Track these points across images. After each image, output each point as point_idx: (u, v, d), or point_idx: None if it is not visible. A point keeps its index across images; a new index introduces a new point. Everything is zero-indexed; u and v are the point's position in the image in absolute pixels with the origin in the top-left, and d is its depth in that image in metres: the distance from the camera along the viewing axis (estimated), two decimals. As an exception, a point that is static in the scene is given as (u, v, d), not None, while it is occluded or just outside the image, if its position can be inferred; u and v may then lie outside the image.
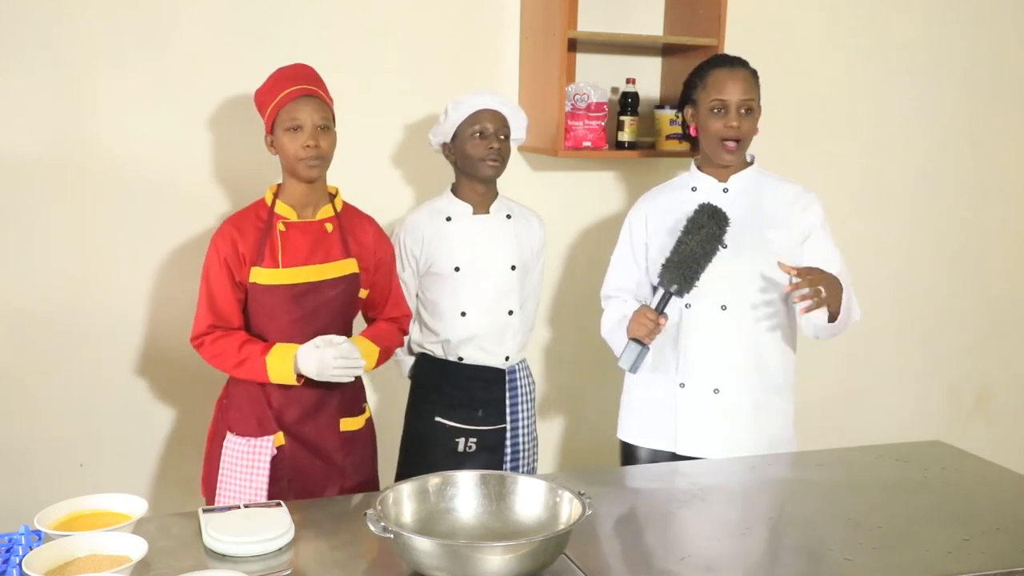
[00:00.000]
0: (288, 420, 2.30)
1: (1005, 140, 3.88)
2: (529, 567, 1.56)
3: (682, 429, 2.46)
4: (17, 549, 1.61)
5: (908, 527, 1.90)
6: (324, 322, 2.31)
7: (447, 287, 2.57)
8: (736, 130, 2.35)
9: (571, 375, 3.38)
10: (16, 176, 2.65)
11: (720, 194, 2.43)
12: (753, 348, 2.41)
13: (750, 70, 2.42)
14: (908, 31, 3.62)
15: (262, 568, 1.66)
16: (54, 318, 2.73)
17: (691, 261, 2.25)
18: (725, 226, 2.27)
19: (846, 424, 3.78)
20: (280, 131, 2.25)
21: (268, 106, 2.27)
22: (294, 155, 2.24)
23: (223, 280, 2.26)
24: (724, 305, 2.40)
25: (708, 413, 2.43)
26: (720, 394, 2.42)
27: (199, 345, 2.29)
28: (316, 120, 2.24)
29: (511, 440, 2.64)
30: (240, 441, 2.29)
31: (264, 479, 2.27)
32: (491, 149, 2.49)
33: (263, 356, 2.23)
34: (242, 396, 2.31)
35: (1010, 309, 4.02)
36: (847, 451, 2.42)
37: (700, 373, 2.43)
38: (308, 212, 2.33)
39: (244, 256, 2.25)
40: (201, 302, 2.29)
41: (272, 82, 2.30)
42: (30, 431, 2.76)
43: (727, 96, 2.36)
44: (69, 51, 2.63)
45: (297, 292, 2.27)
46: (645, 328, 2.30)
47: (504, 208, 2.62)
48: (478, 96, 2.53)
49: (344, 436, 2.37)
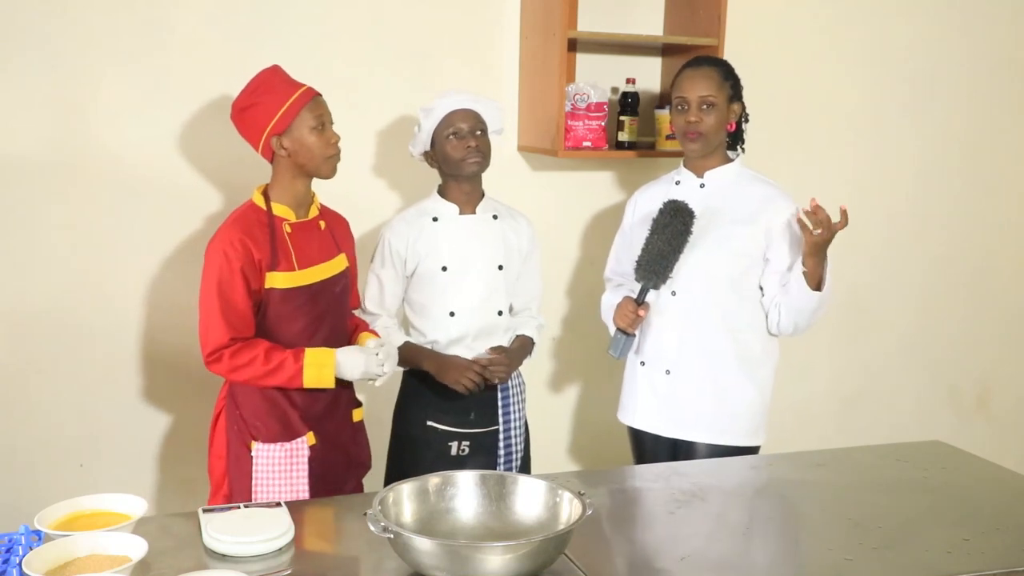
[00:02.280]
0: (314, 418, 2.31)
1: (1004, 140, 3.88)
2: (529, 567, 1.56)
3: (640, 405, 2.62)
4: (17, 549, 1.61)
5: (908, 527, 1.90)
6: (334, 319, 2.36)
7: (435, 287, 2.56)
8: (694, 125, 2.48)
9: (573, 372, 3.38)
10: (16, 176, 2.65)
11: (697, 188, 2.55)
12: (701, 335, 2.52)
13: (720, 69, 2.52)
14: (907, 31, 3.62)
15: (262, 568, 1.66)
16: (54, 318, 2.73)
17: (660, 258, 2.44)
18: (690, 219, 2.43)
19: (846, 424, 3.78)
20: (303, 130, 2.23)
21: (279, 106, 2.23)
22: (323, 153, 2.25)
23: (240, 290, 2.19)
24: (674, 291, 2.52)
25: (660, 392, 2.58)
26: (671, 375, 2.56)
27: (217, 359, 2.21)
28: (330, 117, 2.30)
29: (504, 441, 2.63)
30: (272, 448, 2.27)
31: (305, 480, 2.27)
32: (469, 148, 2.49)
33: (298, 363, 2.21)
34: (258, 403, 2.28)
35: (1010, 309, 4.02)
36: (847, 451, 2.42)
37: (655, 354, 2.58)
38: (302, 212, 2.34)
39: (260, 263, 2.21)
40: (212, 315, 2.20)
41: (270, 83, 2.27)
42: (30, 431, 2.76)
43: (686, 93, 2.50)
44: (68, 51, 2.63)
45: (313, 292, 2.29)
46: (627, 319, 2.51)
47: (490, 208, 2.62)
48: (446, 99, 2.52)
49: (355, 427, 2.44)
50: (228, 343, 2.20)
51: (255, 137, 2.28)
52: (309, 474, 2.29)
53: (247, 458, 2.28)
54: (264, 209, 2.28)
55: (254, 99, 2.27)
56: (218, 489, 2.34)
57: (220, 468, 2.33)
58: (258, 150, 2.30)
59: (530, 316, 2.71)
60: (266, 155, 2.29)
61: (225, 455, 2.31)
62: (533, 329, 2.70)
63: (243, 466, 2.29)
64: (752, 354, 2.54)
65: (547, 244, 3.21)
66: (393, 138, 3.00)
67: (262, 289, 2.23)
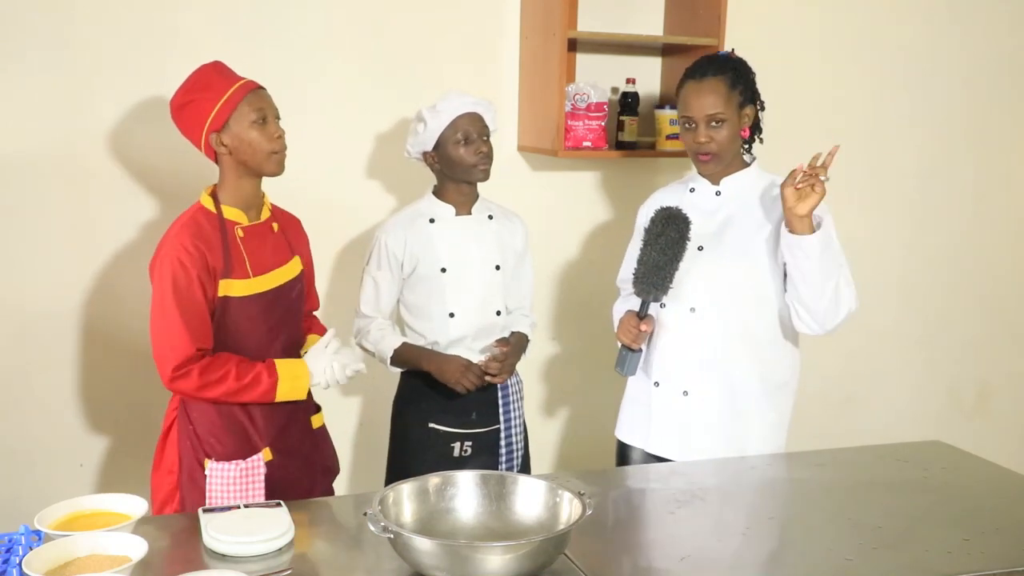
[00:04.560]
0: (274, 431, 2.22)
1: (1004, 140, 3.88)
2: (529, 567, 1.56)
3: (654, 428, 2.46)
4: (17, 549, 1.61)
5: (908, 527, 1.89)
6: (291, 326, 2.28)
7: (434, 289, 2.56)
8: (705, 145, 2.33)
9: (571, 375, 3.38)
10: (17, 175, 2.65)
11: (713, 196, 2.43)
12: (722, 353, 2.37)
13: (727, 76, 2.34)
14: (907, 31, 3.62)
15: (262, 568, 1.66)
16: (55, 318, 2.74)
17: (656, 269, 2.29)
18: (684, 226, 2.29)
19: (846, 424, 3.78)
20: (243, 126, 2.11)
21: (216, 102, 2.11)
22: (267, 148, 2.13)
23: (198, 299, 2.08)
24: (693, 307, 2.38)
25: (678, 414, 2.42)
26: (689, 396, 2.40)
27: (185, 375, 2.06)
28: (275, 111, 2.18)
29: (505, 439, 2.64)
30: (227, 467, 2.16)
31: (261, 498, 2.18)
32: (480, 154, 2.49)
33: (271, 376, 2.13)
34: (213, 418, 2.17)
35: (1010, 309, 4.02)
36: (847, 451, 2.42)
37: (671, 374, 2.42)
38: (253, 214, 2.22)
39: (214, 269, 2.10)
40: (171, 327, 2.06)
41: (207, 79, 2.15)
42: (30, 431, 2.76)
43: (693, 113, 2.33)
44: (69, 52, 2.64)
45: (270, 299, 2.19)
46: (630, 335, 2.36)
47: (485, 209, 2.62)
48: (452, 100, 2.49)
49: (316, 434, 2.36)
50: (195, 354, 2.07)
51: (195, 135, 2.16)
52: (267, 489, 2.19)
53: (201, 475, 2.17)
54: (214, 212, 2.16)
55: (191, 96, 2.15)
56: (165, 505, 2.21)
57: (170, 483, 2.21)
58: (200, 149, 2.18)
59: (523, 314, 2.72)
60: (209, 154, 2.18)
61: (177, 470, 2.20)
62: (527, 327, 2.70)
63: (197, 483, 2.18)
64: (774, 373, 2.41)
65: (547, 244, 3.22)
66: (393, 138, 2.99)
67: (216, 297, 2.11)
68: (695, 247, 2.37)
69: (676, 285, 2.34)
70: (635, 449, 2.54)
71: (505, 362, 2.55)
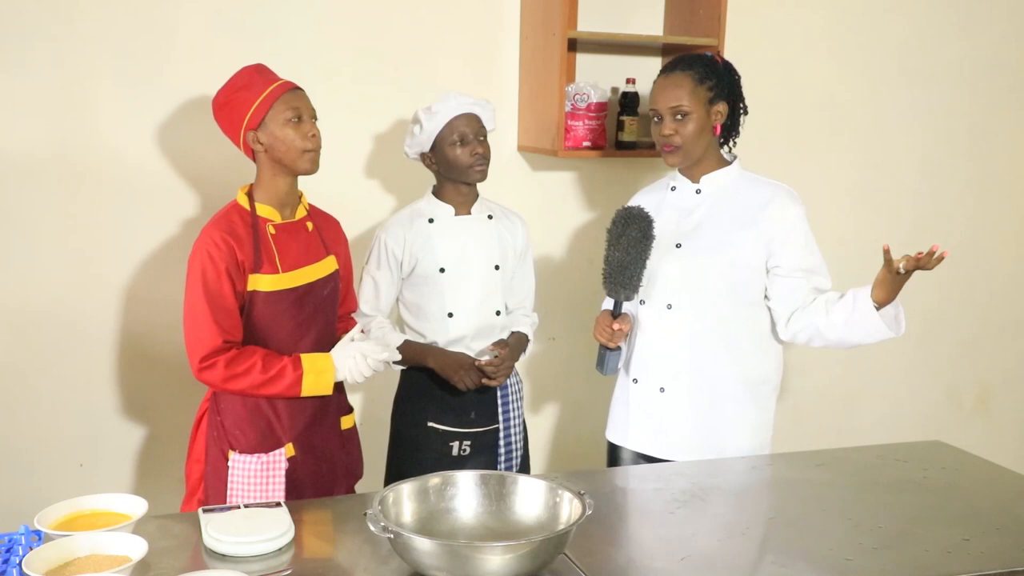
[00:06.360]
0: (299, 428, 2.25)
1: (1003, 140, 3.88)
2: (529, 567, 1.56)
3: (632, 424, 2.49)
4: (17, 549, 1.61)
5: (908, 527, 1.90)
6: (322, 323, 2.30)
7: (433, 289, 2.56)
8: (669, 138, 2.36)
9: (568, 375, 3.38)
10: (17, 175, 2.65)
11: (693, 194, 2.44)
12: (698, 350, 2.38)
13: (695, 71, 2.36)
14: (907, 31, 3.62)
15: (262, 568, 1.66)
16: (54, 317, 2.73)
17: (621, 269, 2.31)
18: (646, 224, 2.32)
19: (846, 424, 3.78)
20: (277, 124, 2.17)
21: (254, 101, 2.17)
22: (299, 147, 2.17)
23: (227, 292, 2.13)
24: (669, 304, 2.40)
25: (655, 411, 2.44)
26: (665, 393, 2.42)
27: (211, 366, 2.12)
28: (311, 111, 2.23)
29: (504, 439, 2.64)
30: (248, 459, 2.21)
31: (281, 493, 2.21)
32: (477, 155, 2.49)
33: (297, 370, 2.16)
34: (240, 411, 2.22)
35: (1009, 309, 4.02)
36: (847, 451, 2.42)
37: (648, 370, 2.44)
38: (288, 212, 2.27)
39: (243, 264, 2.15)
40: (201, 319, 2.12)
41: (248, 79, 2.21)
42: (30, 431, 2.76)
43: (657, 104, 2.38)
44: (69, 52, 2.63)
45: (299, 295, 2.23)
46: (604, 334, 2.39)
47: (485, 209, 2.62)
48: (448, 102, 2.49)
49: (344, 435, 2.38)
50: (222, 346, 2.12)
51: (234, 133, 2.22)
52: (288, 486, 2.22)
53: (224, 467, 2.22)
54: (247, 209, 2.22)
55: (231, 95, 2.22)
56: (192, 494, 2.28)
57: (198, 472, 2.26)
58: (239, 146, 2.24)
59: (524, 314, 2.72)
60: (247, 152, 2.24)
61: (204, 460, 2.25)
62: (527, 327, 2.71)
63: (220, 474, 2.23)
64: (754, 371, 2.41)
65: (547, 244, 3.22)
66: (393, 138, 2.99)
67: (245, 291, 2.17)
68: (673, 244, 2.39)
69: (653, 282, 2.38)
70: (624, 449, 2.55)
71: (502, 365, 2.55)
